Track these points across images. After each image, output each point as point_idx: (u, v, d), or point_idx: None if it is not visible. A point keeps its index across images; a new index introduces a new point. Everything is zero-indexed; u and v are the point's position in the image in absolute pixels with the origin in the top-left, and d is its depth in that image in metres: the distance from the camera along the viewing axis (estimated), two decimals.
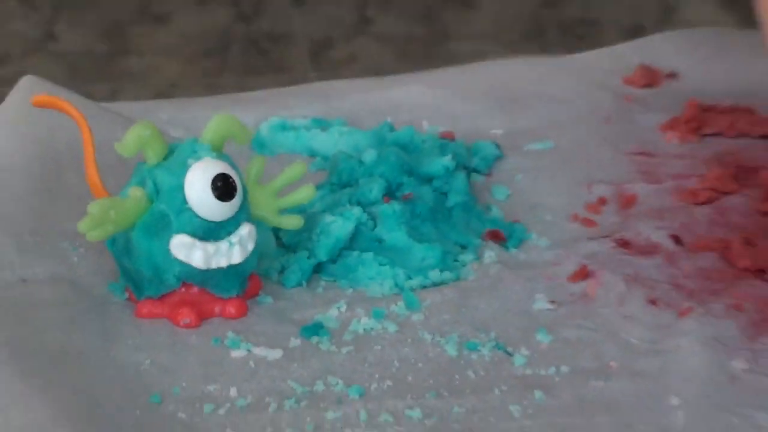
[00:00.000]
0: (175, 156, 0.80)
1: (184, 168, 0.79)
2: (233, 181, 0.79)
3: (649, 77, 1.08)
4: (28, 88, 0.93)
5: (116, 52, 3.03)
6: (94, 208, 0.77)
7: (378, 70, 1.16)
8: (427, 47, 3.09)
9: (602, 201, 0.93)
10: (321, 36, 3.13)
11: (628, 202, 0.92)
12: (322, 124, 0.97)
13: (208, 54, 3.05)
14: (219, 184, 0.78)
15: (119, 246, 0.80)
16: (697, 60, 1.12)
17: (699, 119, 1.01)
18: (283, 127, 0.96)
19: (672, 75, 1.09)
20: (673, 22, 2.81)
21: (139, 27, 3.13)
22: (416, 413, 0.73)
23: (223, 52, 3.07)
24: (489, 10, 3.28)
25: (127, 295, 0.81)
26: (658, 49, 1.15)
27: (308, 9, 3.23)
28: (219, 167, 0.79)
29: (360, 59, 3.02)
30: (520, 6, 3.30)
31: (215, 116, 0.83)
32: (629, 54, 1.13)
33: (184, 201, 0.78)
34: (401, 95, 1.03)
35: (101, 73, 2.90)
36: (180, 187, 0.78)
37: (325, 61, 3.00)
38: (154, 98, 1.22)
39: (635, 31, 1.16)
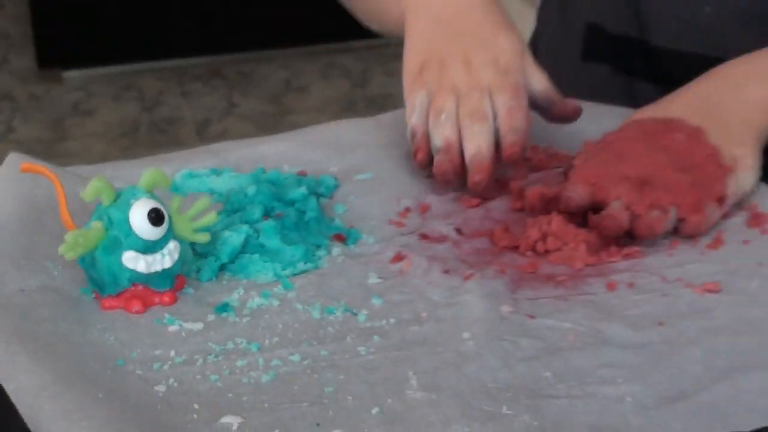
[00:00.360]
0: (121, 198, 0.79)
1: (128, 206, 0.78)
2: (162, 212, 0.79)
3: None
4: (14, 160, 0.92)
5: (59, 139, 2.98)
6: (68, 237, 0.77)
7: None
8: (276, 120, 3.09)
9: (408, 210, 0.93)
10: (202, 118, 3.12)
11: (425, 209, 0.93)
12: (216, 172, 0.96)
13: (124, 135, 3.02)
14: (153, 215, 0.78)
15: (87, 262, 0.79)
16: None
17: None
18: (191, 176, 0.95)
19: None
20: None
21: (74, 119, 3.09)
22: (296, 357, 0.74)
23: (135, 133, 3.04)
24: (318, 93, 3.29)
25: (94, 295, 0.80)
26: None
27: (193, 99, 3.21)
28: (152, 204, 0.79)
29: (231, 133, 3.01)
30: (338, 89, 3.31)
31: (146, 171, 0.81)
32: None
33: (130, 228, 0.78)
34: (268, 149, 1.02)
35: (49, 154, 2.85)
36: (126, 219, 0.78)
37: (207, 135, 3.00)
38: None
39: None
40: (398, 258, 0.87)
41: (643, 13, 1.12)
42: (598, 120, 1.01)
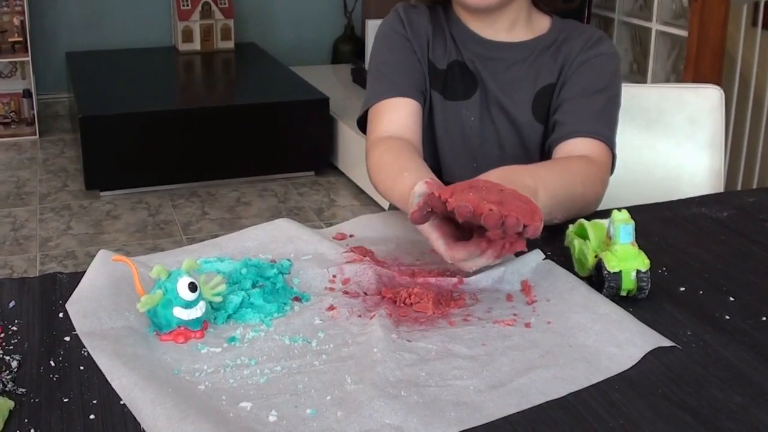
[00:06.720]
0: (172, 276, 0.80)
1: (176, 281, 0.80)
2: (196, 284, 0.80)
3: None
4: (104, 254, 0.90)
5: (98, 233, 2.88)
6: (143, 298, 0.78)
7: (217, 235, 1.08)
8: (232, 223, 3.04)
9: (334, 276, 0.91)
10: (185, 221, 3.08)
11: (345, 280, 0.91)
12: (221, 260, 0.93)
13: (138, 231, 2.95)
14: (190, 286, 0.79)
15: (151, 313, 0.80)
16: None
17: None
18: (206, 262, 0.92)
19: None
20: None
21: (107, 221, 3.00)
22: (278, 368, 0.75)
23: (144, 230, 2.97)
24: (257, 206, 3.22)
25: (155, 333, 0.81)
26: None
27: (179, 210, 3.16)
28: (189, 279, 0.80)
29: (204, 231, 2.98)
30: (269, 203, 3.25)
31: (185, 260, 0.82)
32: None
33: (177, 293, 0.79)
34: (251, 244, 0.97)
35: (92, 243, 2.76)
36: (175, 288, 0.79)
37: (188, 232, 2.96)
38: None
39: None
40: (331, 308, 0.85)
41: None
42: None
